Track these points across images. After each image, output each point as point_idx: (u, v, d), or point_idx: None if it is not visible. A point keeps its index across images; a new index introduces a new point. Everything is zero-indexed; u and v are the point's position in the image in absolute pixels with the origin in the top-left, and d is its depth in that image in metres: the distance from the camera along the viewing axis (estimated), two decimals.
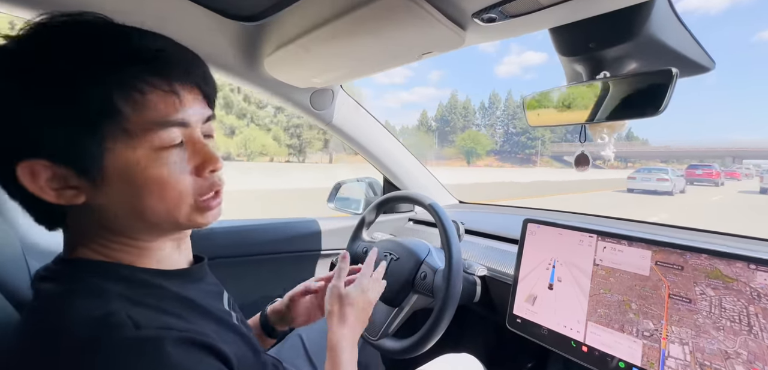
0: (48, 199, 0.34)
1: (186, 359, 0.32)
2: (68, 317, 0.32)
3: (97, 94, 0.32)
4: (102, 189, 0.35)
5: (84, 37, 0.34)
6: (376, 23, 0.61)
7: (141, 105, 0.34)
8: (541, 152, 68.19)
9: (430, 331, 0.75)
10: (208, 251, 0.98)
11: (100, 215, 0.36)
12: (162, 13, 0.70)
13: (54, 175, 0.33)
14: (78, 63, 0.33)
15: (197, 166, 0.39)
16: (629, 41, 0.56)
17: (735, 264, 0.55)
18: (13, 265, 0.54)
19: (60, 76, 0.32)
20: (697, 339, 0.55)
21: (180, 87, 0.37)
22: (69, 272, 0.37)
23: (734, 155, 47.57)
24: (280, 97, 0.99)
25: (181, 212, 0.38)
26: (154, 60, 0.35)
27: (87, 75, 0.32)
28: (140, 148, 0.34)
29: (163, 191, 0.36)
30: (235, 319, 0.45)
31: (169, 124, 0.36)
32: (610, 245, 0.68)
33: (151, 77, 0.34)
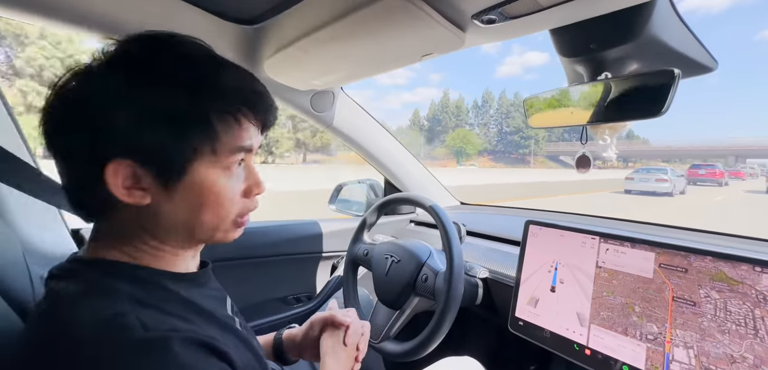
0: (118, 195, 0.35)
1: (192, 360, 0.33)
2: (77, 317, 0.32)
3: (200, 112, 0.36)
4: (172, 196, 0.37)
5: (194, 58, 0.38)
6: (375, 25, 0.61)
7: (233, 132, 0.38)
8: (535, 152, 66.73)
9: (432, 334, 0.75)
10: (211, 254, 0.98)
11: (152, 218, 0.38)
12: (162, 16, 0.70)
13: (133, 174, 0.35)
14: (189, 80, 0.36)
15: (247, 188, 0.42)
16: (630, 42, 0.56)
17: (740, 267, 0.54)
18: (14, 269, 0.54)
19: (170, 87, 0.35)
20: (702, 343, 0.54)
21: (261, 120, 0.41)
22: (83, 271, 0.38)
23: (737, 154, 46.60)
24: (280, 100, 0.99)
25: (222, 227, 0.41)
26: (254, 100, 0.40)
27: (195, 93, 0.36)
28: (218, 166, 0.38)
29: (219, 206, 0.39)
30: (238, 324, 0.46)
31: (245, 148, 0.40)
32: (612, 246, 0.67)
33: (247, 110, 0.39)
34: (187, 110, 0.35)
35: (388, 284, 0.86)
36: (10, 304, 0.48)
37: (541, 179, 25.05)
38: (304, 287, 1.21)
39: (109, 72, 0.36)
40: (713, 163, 22.64)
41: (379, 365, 1.06)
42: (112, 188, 0.35)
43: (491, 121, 73.45)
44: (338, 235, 1.23)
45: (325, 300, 1.17)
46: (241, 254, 1.05)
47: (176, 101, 0.35)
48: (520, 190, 15.86)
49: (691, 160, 46.43)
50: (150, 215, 0.38)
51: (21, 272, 0.54)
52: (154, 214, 0.38)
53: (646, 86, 0.55)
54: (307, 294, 1.21)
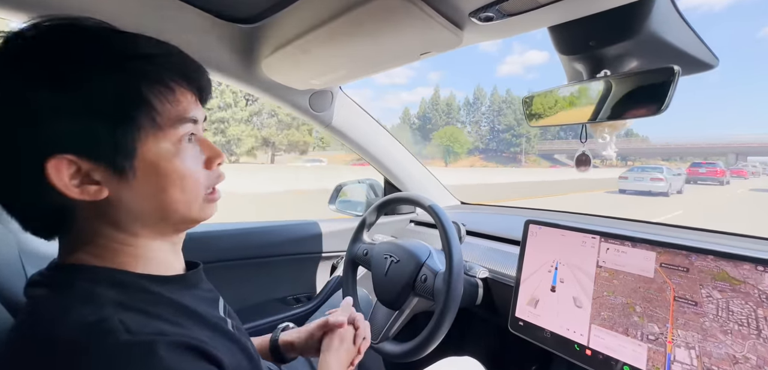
0: (71, 195, 0.34)
1: (179, 364, 0.32)
2: (61, 323, 0.31)
3: (130, 86, 0.34)
4: (130, 183, 0.36)
5: (107, 35, 0.36)
6: (373, 24, 0.61)
7: (169, 100, 0.37)
8: (527, 150, 64.30)
9: (431, 334, 0.74)
10: (208, 255, 0.98)
11: (117, 211, 0.37)
12: (159, 16, 0.70)
13: (78, 169, 0.34)
14: (107, 58, 0.34)
15: (207, 160, 0.42)
16: (630, 39, 0.55)
17: (742, 266, 0.54)
18: (9, 270, 0.54)
19: (93, 69, 0.33)
20: (704, 343, 0.54)
21: (195, 87, 0.40)
22: (63, 277, 0.37)
23: (738, 152, 45.17)
24: (278, 100, 0.99)
25: (196, 203, 0.40)
26: (180, 61, 0.39)
27: (120, 69, 0.34)
28: (166, 141, 0.37)
29: (185, 182, 0.38)
30: (231, 325, 0.45)
31: (188, 119, 0.38)
32: (613, 246, 0.67)
33: (176, 76, 0.38)
34: (117, 88, 0.34)
35: (388, 284, 0.85)
36: (5, 304, 0.48)
37: (532, 179, 23.46)
38: (303, 287, 1.21)
39: (19, 66, 0.33)
40: (714, 162, 21.86)
41: (378, 366, 1.06)
42: (61, 188, 0.33)
43: (483, 119, 70.94)
44: (338, 235, 1.23)
45: (324, 300, 1.17)
46: (241, 255, 1.05)
47: (103, 82, 0.33)
48: (505, 191, 14.82)
49: (691, 157, 44.64)
50: (113, 209, 0.36)
51: (16, 272, 0.54)
52: (116, 207, 0.36)
53: (646, 84, 0.55)
54: (306, 294, 1.21)
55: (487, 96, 71.04)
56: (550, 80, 18.45)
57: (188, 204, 0.39)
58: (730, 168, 24.67)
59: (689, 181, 18.31)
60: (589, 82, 0.62)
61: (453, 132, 59.36)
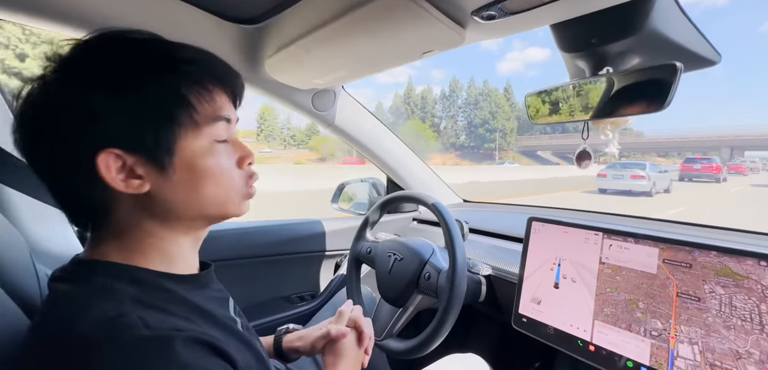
0: (117, 188, 0.36)
1: (194, 359, 0.33)
2: (82, 317, 0.33)
3: (172, 88, 0.38)
4: (170, 177, 0.38)
5: (153, 43, 0.39)
6: (375, 23, 0.61)
7: (206, 100, 0.40)
8: (502, 146, 59.28)
9: (435, 331, 0.75)
10: (214, 254, 0.99)
11: (157, 204, 0.39)
12: (162, 17, 0.70)
13: (124, 164, 0.36)
14: (154, 62, 0.38)
15: (239, 159, 0.44)
16: (632, 36, 0.55)
17: (745, 261, 0.54)
18: (22, 270, 0.55)
19: (141, 71, 0.37)
20: (707, 339, 0.54)
21: (229, 90, 0.43)
22: (84, 273, 0.38)
23: (733, 146, 41.69)
24: (281, 99, 0.99)
25: (231, 199, 0.43)
26: (216, 66, 0.42)
27: (164, 72, 0.38)
28: (203, 138, 0.39)
29: (220, 178, 0.41)
30: (240, 325, 0.46)
31: (222, 118, 0.41)
32: (616, 242, 0.67)
33: (214, 78, 0.41)
34: (160, 89, 0.37)
35: (391, 282, 0.86)
36: (18, 303, 0.48)
37: (504, 178, 21.44)
38: (308, 285, 1.22)
39: (74, 72, 0.36)
40: (710, 157, 19.40)
41: (383, 363, 1.06)
42: (109, 181, 0.36)
43: (459, 113, 65.51)
44: (341, 233, 1.23)
45: (329, 298, 1.18)
46: (245, 253, 1.06)
47: (147, 83, 0.37)
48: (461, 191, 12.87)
49: (689, 152, 41.32)
50: (153, 203, 0.39)
51: (28, 272, 0.55)
52: (157, 200, 0.39)
53: (648, 80, 0.55)
54: (310, 292, 1.21)
55: (464, 88, 66.10)
56: (551, 78, 17.47)
57: (224, 199, 0.42)
58: (726, 164, 22.63)
59: (683, 179, 17.43)
60: (591, 79, 0.62)
61: (419, 127, 53.75)
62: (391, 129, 1.23)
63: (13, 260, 0.53)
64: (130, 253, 0.39)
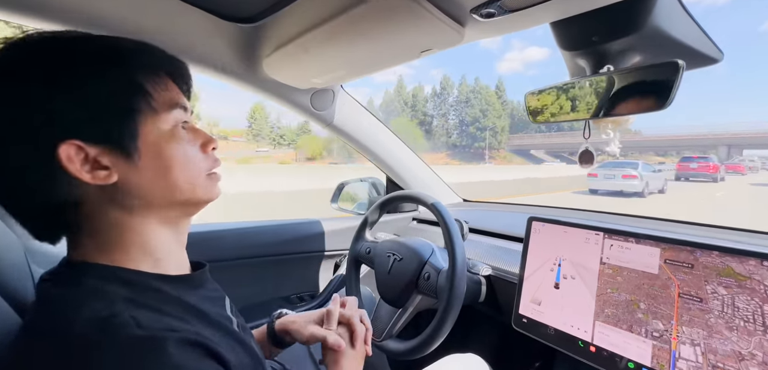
0: (84, 179, 0.36)
1: (187, 360, 0.33)
2: (74, 318, 0.33)
3: (127, 76, 0.38)
4: (136, 165, 0.38)
5: (94, 38, 0.39)
6: (373, 22, 0.61)
7: (162, 86, 0.41)
8: (492, 145, 55.95)
9: (435, 332, 0.74)
10: (212, 254, 0.99)
11: (126, 194, 0.39)
12: (159, 16, 0.70)
13: (86, 156, 0.36)
14: (100, 54, 0.38)
15: (202, 145, 0.45)
16: (633, 34, 0.55)
17: (748, 262, 0.53)
18: (16, 270, 0.55)
19: (96, 62, 0.37)
20: (709, 340, 0.53)
21: (179, 78, 0.44)
22: (73, 274, 0.38)
23: (730, 144, 38.91)
24: (280, 99, 0.99)
25: (199, 182, 0.43)
26: (166, 57, 0.43)
27: (119, 63, 0.38)
28: (164, 123, 0.40)
29: (185, 163, 0.41)
30: (236, 325, 0.46)
31: (179, 105, 0.42)
32: (617, 242, 0.66)
33: (164, 67, 0.42)
34: (115, 78, 0.38)
35: (391, 282, 0.86)
36: (12, 305, 0.48)
37: (492, 178, 19.60)
38: (307, 285, 1.21)
39: (19, 71, 0.36)
40: (707, 156, 18.76)
41: (383, 363, 1.06)
42: (74, 172, 0.35)
43: (450, 111, 62.30)
44: (341, 233, 1.23)
45: (328, 298, 1.17)
46: (244, 254, 1.06)
47: (101, 72, 0.37)
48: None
49: (687, 151, 38.98)
50: (122, 193, 0.39)
51: (23, 273, 0.55)
52: (125, 189, 0.38)
53: (649, 79, 0.54)
54: (310, 293, 1.21)
55: (455, 85, 62.66)
56: (551, 77, 17.06)
57: (192, 184, 0.42)
58: (723, 163, 22.08)
59: (680, 178, 16.93)
60: (592, 78, 0.61)
61: (406, 126, 49.95)
62: (390, 128, 1.22)
63: (7, 260, 0.53)
64: (112, 253, 0.39)
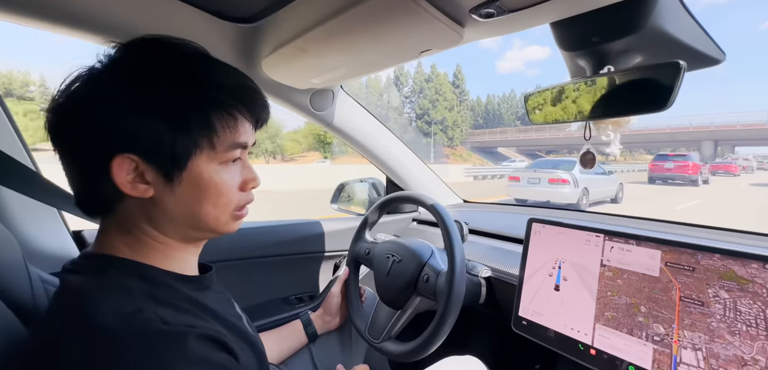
0: (123, 189, 0.37)
1: (205, 353, 0.35)
2: (99, 310, 0.34)
3: (200, 109, 0.39)
4: (174, 189, 0.39)
5: (192, 58, 0.40)
6: (372, 21, 0.60)
7: (230, 127, 0.41)
8: (442, 141, 48.95)
9: (434, 334, 0.74)
10: (212, 254, 0.98)
11: (156, 210, 0.40)
12: (159, 16, 0.70)
13: (136, 168, 0.38)
14: (183, 77, 0.39)
15: (244, 181, 0.45)
16: (634, 34, 0.54)
17: (750, 264, 0.53)
18: (13, 270, 0.54)
19: (172, 86, 0.38)
20: (711, 344, 0.53)
21: (255, 118, 0.44)
22: (96, 266, 0.40)
23: (718, 139, 32.96)
24: (279, 99, 0.99)
25: (223, 218, 0.44)
26: (248, 97, 0.42)
27: (195, 91, 0.39)
28: (216, 161, 0.41)
29: (219, 198, 0.42)
30: (245, 321, 0.49)
31: (241, 145, 0.42)
32: (617, 244, 0.65)
33: (243, 106, 0.42)
34: (188, 108, 0.38)
35: (390, 284, 0.85)
36: (9, 305, 0.48)
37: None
38: (306, 286, 1.21)
39: (114, 73, 0.38)
40: (685, 153, 15.77)
41: (382, 365, 1.06)
42: (117, 182, 0.37)
43: (406, 103, 57.10)
44: (340, 234, 1.23)
45: None
46: (244, 254, 1.05)
47: (177, 99, 0.38)
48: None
49: (668, 147, 33.53)
50: (153, 208, 0.40)
51: (20, 273, 0.54)
52: (157, 206, 0.40)
53: (650, 79, 0.54)
54: (309, 294, 1.21)
55: (410, 74, 55.89)
56: (551, 77, 16.66)
57: (217, 218, 0.43)
58: (707, 162, 17.92)
59: (654, 181, 14.40)
60: (592, 79, 0.61)
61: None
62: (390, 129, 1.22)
63: (4, 262, 0.53)
64: (136, 250, 0.41)
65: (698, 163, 14.28)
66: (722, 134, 33.17)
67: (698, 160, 14.56)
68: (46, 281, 0.56)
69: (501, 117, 64.55)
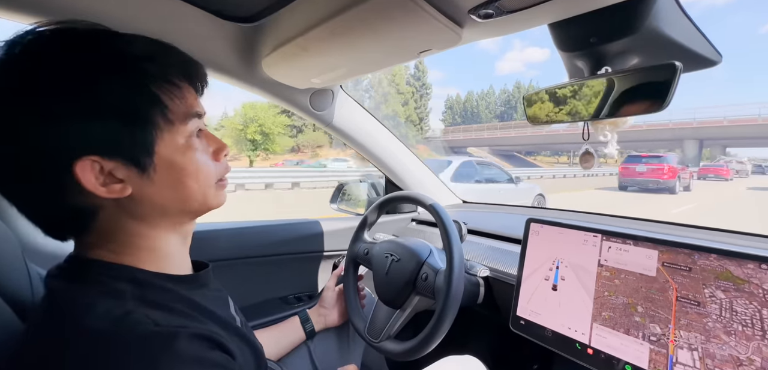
0: (99, 194, 0.36)
1: (198, 352, 0.35)
2: (88, 315, 0.33)
3: (142, 89, 0.37)
4: (152, 177, 0.38)
5: (108, 39, 0.37)
6: (372, 21, 0.61)
7: (178, 97, 0.39)
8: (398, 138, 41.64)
9: (432, 333, 0.74)
10: (211, 254, 0.99)
11: (140, 206, 0.39)
12: (157, 15, 0.70)
13: (101, 170, 0.36)
14: (114, 61, 0.36)
15: (215, 152, 0.45)
16: (631, 35, 0.54)
17: (746, 265, 0.53)
18: (13, 268, 0.54)
19: (99, 74, 0.35)
20: (707, 344, 0.53)
21: (195, 83, 0.43)
22: (82, 271, 0.39)
23: (703, 138, 27.80)
24: (279, 99, 0.99)
25: (210, 191, 0.43)
26: (179, 60, 0.41)
27: (130, 74, 0.36)
28: (179, 135, 0.39)
29: (198, 173, 0.41)
30: (239, 322, 0.48)
31: (195, 114, 0.41)
32: (615, 244, 0.66)
33: (182, 75, 0.40)
34: (128, 90, 0.36)
35: (389, 283, 0.85)
36: (9, 303, 0.48)
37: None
38: (305, 286, 1.21)
39: (30, 81, 0.33)
40: (660, 155, 12.64)
41: (380, 364, 1.06)
42: (91, 188, 0.35)
43: (365, 99, 49.94)
44: (339, 234, 1.23)
45: None
46: (242, 254, 1.05)
47: (113, 85, 0.35)
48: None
49: (644, 147, 25.72)
50: (136, 205, 0.39)
51: (20, 271, 0.55)
52: (140, 202, 0.39)
53: (647, 80, 0.54)
54: (308, 293, 1.21)
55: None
56: (551, 78, 15.79)
57: (203, 193, 0.42)
58: (689, 164, 14.75)
59: (625, 187, 12.27)
60: (590, 79, 0.61)
61: (263, 121, 30.74)
62: (389, 129, 1.22)
63: (4, 259, 0.53)
64: (121, 254, 0.40)
65: (676, 166, 11.86)
66: (707, 132, 27.47)
67: (676, 163, 12.08)
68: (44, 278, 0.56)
69: (479, 115, 63.59)
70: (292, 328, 0.84)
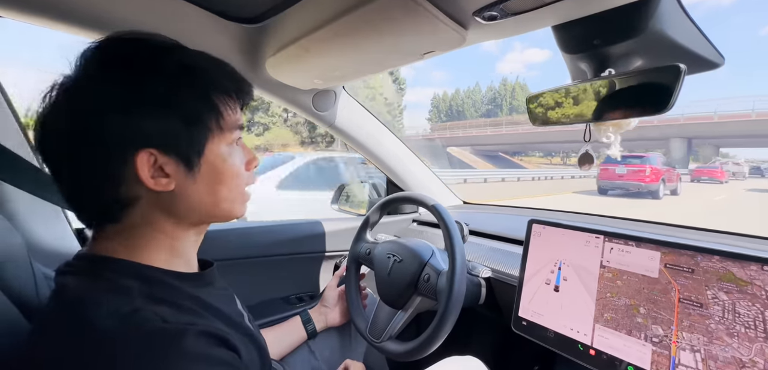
0: (148, 184, 0.38)
1: (206, 349, 0.35)
2: (98, 313, 0.34)
3: (204, 94, 0.41)
4: (195, 176, 0.41)
5: (176, 49, 0.41)
6: (376, 23, 0.61)
7: (230, 109, 0.43)
8: (317, 141, 29.24)
9: (434, 334, 0.74)
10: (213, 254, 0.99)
11: (177, 202, 0.41)
12: (163, 16, 0.70)
13: (156, 163, 0.38)
14: (187, 69, 0.40)
15: (247, 162, 0.48)
16: (635, 37, 0.55)
17: (749, 266, 0.53)
18: (18, 267, 0.55)
19: (175, 78, 0.39)
20: (710, 346, 0.53)
21: (242, 98, 0.46)
22: (91, 268, 0.40)
23: (690, 136, 24.71)
24: (282, 100, 0.99)
25: (238, 199, 0.46)
26: (233, 76, 0.45)
27: (192, 78, 0.40)
28: (225, 141, 0.43)
29: (233, 180, 0.44)
30: (247, 319, 0.49)
31: (239, 126, 0.45)
32: (617, 246, 0.66)
33: (234, 89, 0.44)
34: (195, 97, 0.40)
35: (391, 284, 0.86)
36: (14, 301, 0.48)
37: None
38: (306, 286, 1.21)
39: (107, 75, 0.37)
40: (642, 155, 11.26)
41: (382, 365, 1.06)
42: (142, 177, 0.38)
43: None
44: (341, 234, 1.23)
45: None
46: (244, 254, 1.06)
47: (182, 89, 0.39)
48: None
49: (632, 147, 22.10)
50: (174, 200, 0.41)
51: (24, 269, 0.55)
52: (178, 198, 0.41)
53: (650, 82, 0.54)
54: (309, 293, 1.21)
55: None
56: (551, 79, 15.18)
57: (232, 202, 0.45)
58: (675, 167, 12.89)
59: (605, 191, 11.31)
60: (593, 81, 0.61)
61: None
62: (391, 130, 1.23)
63: (9, 258, 0.53)
64: (134, 250, 0.41)
65: (660, 167, 10.71)
66: (696, 129, 24.20)
67: (661, 164, 10.92)
68: (49, 277, 0.56)
69: (464, 113, 63.31)
70: (293, 328, 0.85)
